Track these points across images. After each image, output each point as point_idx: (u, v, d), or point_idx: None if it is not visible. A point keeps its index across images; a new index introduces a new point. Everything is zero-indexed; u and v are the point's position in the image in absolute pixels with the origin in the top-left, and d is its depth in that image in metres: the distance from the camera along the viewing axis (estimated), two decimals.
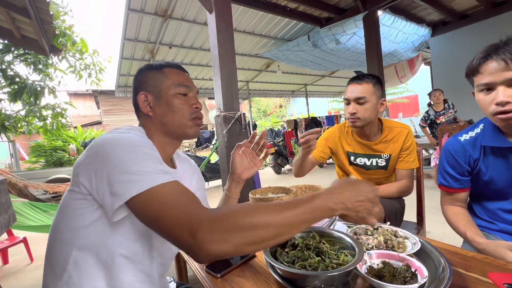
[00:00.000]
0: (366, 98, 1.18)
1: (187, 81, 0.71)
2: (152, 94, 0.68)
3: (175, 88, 0.68)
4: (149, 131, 0.69)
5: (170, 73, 0.70)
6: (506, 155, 0.82)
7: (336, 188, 0.52)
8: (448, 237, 2.12)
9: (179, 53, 4.75)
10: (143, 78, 0.70)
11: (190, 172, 0.83)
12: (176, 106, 0.67)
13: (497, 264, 0.64)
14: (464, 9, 4.65)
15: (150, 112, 0.67)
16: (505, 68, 0.71)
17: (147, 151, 0.53)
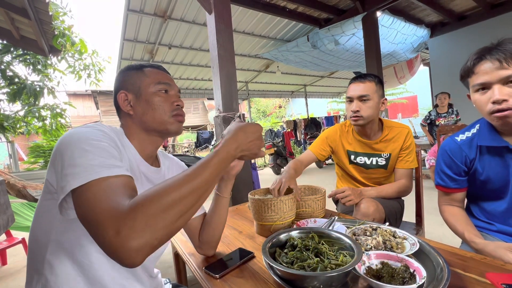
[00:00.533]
0: (369, 96, 1.20)
1: (167, 79, 0.71)
2: (132, 92, 0.68)
3: (154, 85, 0.68)
4: (130, 130, 0.68)
5: (150, 72, 0.70)
6: (502, 154, 0.82)
7: (231, 136, 0.58)
8: (447, 237, 2.12)
9: (179, 54, 4.75)
10: (123, 78, 0.70)
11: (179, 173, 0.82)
12: (156, 103, 0.67)
13: (495, 264, 0.64)
14: (463, 10, 4.67)
15: (130, 110, 0.67)
16: (500, 67, 0.72)
17: (99, 144, 0.51)
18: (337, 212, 1.17)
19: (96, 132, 0.54)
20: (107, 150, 0.51)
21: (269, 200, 0.91)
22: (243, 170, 2.21)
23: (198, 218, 0.83)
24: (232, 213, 1.29)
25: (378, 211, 1.07)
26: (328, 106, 13.90)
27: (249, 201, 0.98)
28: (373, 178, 1.34)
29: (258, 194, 1.09)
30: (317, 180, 5.29)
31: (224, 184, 0.81)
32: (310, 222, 0.97)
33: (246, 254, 0.80)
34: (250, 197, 0.97)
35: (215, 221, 0.80)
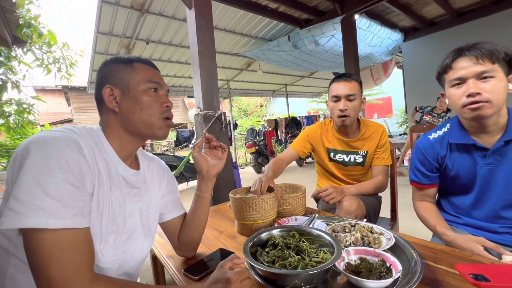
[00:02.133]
0: (355, 95, 1.25)
1: (158, 78, 0.68)
2: (119, 88, 0.63)
3: (145, 83, 0.64)
4: (111, 128, 0.64)
5: (141, 68, 0.66)
6: (470, 151, 0.88)
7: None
8: (419, 231, 2.25)
9: (157, 49, 4.59)
10: (109, 71, 0.64)
11: (160, 174, 0.78)
12: (145, 102, 0.63)
13: (462, 255, 0.68)
14: (433, 17, 4.95)
15: (116, 107, 0.62)
16: (476, 63, 0.78)
17: (60, 176, 0.47)
18: (318, 210, 1.19)
19: (62, 152, 0.49)
20: (63, 185, 0.47)
21: (251, 199, 0.91)
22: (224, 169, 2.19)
23: (177, 219, 0.80)
24: (213, 212, 1.26)
25: (360, 208, 1.11)
26: (308, 106, 14.17)
27: (230, 200, 0.97)
28: (351, 175, 1.38)
29: (239, 193, 1.08)
30: (298, 178, 5.38)
31: (205, 184, 0.78)
32: (291, 220, 0.98)
33: (226, 254, 0.79)
34: (231, 196, 0.96)
35: (195, 222, 0.78)
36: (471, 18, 4.62)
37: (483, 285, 0.54)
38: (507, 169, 0.82)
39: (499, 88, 0.77)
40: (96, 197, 0.56)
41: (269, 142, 7.25)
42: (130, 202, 0.65)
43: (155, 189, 0.75)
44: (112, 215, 0.59)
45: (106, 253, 0.57)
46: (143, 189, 0.70)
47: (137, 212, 0.67)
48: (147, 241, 0.69)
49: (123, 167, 0.65)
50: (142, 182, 0.70)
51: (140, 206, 0.68)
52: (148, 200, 0.71)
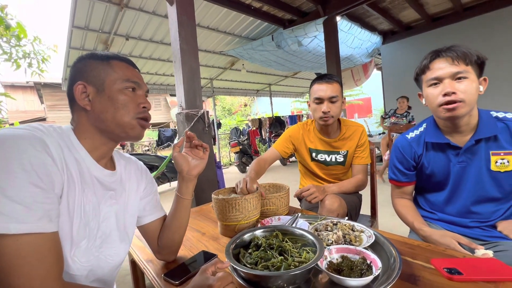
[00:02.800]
0: (337, 97, 1.26)
1: (136, 77, 0.64)
2: (93, 85, 0.59)
3: (122, 82, 0.61)
4: (82, 128, 0.60)
5: (118, 66, 0.62)
6: (444, 150, 0.93)
7: None
8: (396, 227, 2.33)
9: (137, 46, 4.44)
10: (83, 67, 0.60)
11: (138, 175, 0.75)
12: (120, 102, 0.60)
13: (437, 250, 0.71)
14: (409, 21, 5.17)
15: (87, 105, 0.58)
16: (451, 64, 0.83)
17: (22, 177, 0.44)
18: (300, 209, 1.20)
19: (26, 152, 0.45)
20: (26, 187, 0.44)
21: (233, 200, 0.89)
22: (207, 169, 2.15)
23: (157, 221, 0.77)
24: (195, 214, 1.24)
25: (342, 206, 1.13)
26: (291, 106, 14.33)
27: (213, 201, 0.95)
28: (333, 174, 1.41)
29: (222, 193, 1.06)
30: (281, 177, 5.42)
31: (185, 185, 0.76)
32: (275, 220, 0.98)
33: (209, 256, 0.77)
34: (214, 197, 0.94)
35: (176, 224, 0.76)
36: (444, 23, 4.88)
37: (456, 278, 0.57)
38: (477, 167, 0.87)
39: (472, 89, 0.81)
40: (66, 199, 0.52)
41: (253, 141, 7.26)
42: (105, 204, 0.61)
43: (132, 191, 0.71)
44: (84, 219, 0.56)
45: (78, 259, 0.54)
46: (120, 190, 0.67)
47: (112, 215, 0.63)
48: (123, 245, 0.66)
49: (97, 167, 0.61)
50: (119, 184, 0.67)
51: (116, 208, 0.65)
52: (125, 202, 0.68)
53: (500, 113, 0.87)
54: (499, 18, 4.31)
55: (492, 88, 0.86)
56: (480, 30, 4.46)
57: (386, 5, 4.38)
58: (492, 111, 0.89)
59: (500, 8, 4.28)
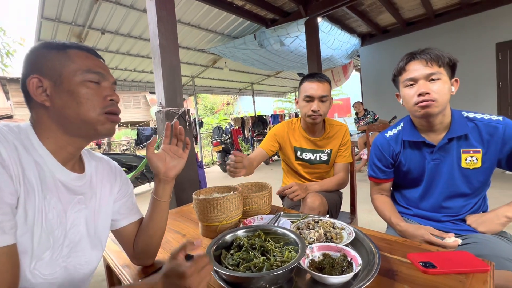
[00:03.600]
0: (327, 97, 1.27)
1: (99, 67, 0.58)
2: (49, 79, 0.53)
3: (82, 74, 0.55)
4: (43, 126, 0.55)
5: (77, 56, 0.56)
6: (420, 148, 0.97)
7: None
8: (374, 223, 2.42)
9: (114, 41, 4.25)
10: (37, 58, 0.54)
11: (111, 176, 0.70)
12: (82, 96, 0.54)
13: (413, 245, 0.74)
14: (386, 25, 5.38)
15: (46, 101, 0.53)
16: (425, 66, 0.87)
17: None
18: (283, 207, 1.20)
19: None
20: None
21: (215, 200, 0.87)
22: (188, 169, 2.10)
23: (132, 225, 0.73)
24: (176, 215, 1.20)
25: (323, 204, 1.15)
26: (274, 105, 14.43)
27: (194, 201, 0.92)
28: (316, 173, 1.42)
29: (204, 193, 1.04)
30: (264, 176, 5.44)
31: (162, 187, 0.71)
32: (257, 219, 0.97)
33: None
34: (195, 197, 0.92)
35: (153, 227, 0.72)
36: (418, 28, 5.13)
37: (431, 271, 0.59)
38: (449, 164, 0.92)
39: (444, 89, 0.86)
40: (23, 208, 0.47)
41: (235, 140, 7.22)
42: (73, 210, 0.57)
43: (105, 194, 0.67)
44: (47, 228, 0.51)
45: (40, 272, 0.49)
46: (89, 194, 0.62)
47: (82, 221, 0.59)
48: (95, 252, 0.62)
49: (61, 170, 0.56)
50: (88, 187, 0.62)
51: (86, 214, 0.60)
52: (96, 206, 0.63)
53: (471, 113, 0.92)
54: (463, 25, 4.61)
55: (460, 88, 0.92)
56: (450, 35, 4.75)
57: (364, 8, 4.52)
58: (464, 111, 0.94)
59: (465, 16, 4.58)
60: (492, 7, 4.35)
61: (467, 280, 0.56)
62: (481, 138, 0.88)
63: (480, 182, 0.91)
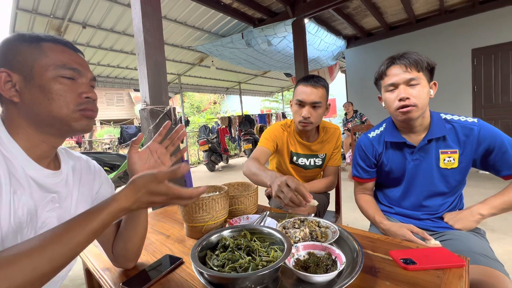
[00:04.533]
0: (321, 103, 1.18)
1: (76, 62, 0.55)
2: (19, 73, 0.50)
3: (55, 69, 0.52)
4: (14, 122, 0.52)
5: (51, 49, 0.52)
6: (401, 148, 1.00)
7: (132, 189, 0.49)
8: (358, 221, 2.48)
9: (96, 35, 4.09)
10: (8, 51, 0.51)
11: (90, 176, 0.67)
12: (54, 92, 0.51)
13: (395, 243, 0.76)
14: (370, 28, 5.53)
15: (14, 97, 0.50)
16: (405, 71, 0.89)
17: None
18: (269, 207, 1.20)
19: None
20: None
21: (201, 200, 0.86)
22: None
23: (112, 227, 0.70)
24: (160, 215, 1.17)
25: None
26: (261, 105, 14.47)
27: None
28: (308, 177, 1.40)
29: None
30: None
31: None
32: (243, 219, 0.96)
33: (173, 260, 0.73)
34: None
35: (129, 233, 0.68)
36: (400, 32, 5.31)
37: (411, 268, 0.61)
38: (428, 164, 0.96)
39: (423, 94, 0.89)
40: None
41: (222, 139, 7.17)
42: (45, 209, 0.54)
43: (83, 194, 0.64)
44: (15, 225, 0.48)
45: None
46: (64, 193, 0.59)
47: (54, 221, 0.56)
48: None
49: (33, 166, 0.53)
50: (63, 185, 0.59)
51: (60, 213, 0.57)
52: (72, 206, 0.60)
53: (448, 115, 0.96)
54: (442, 31, 4.82)
55: (438, 91, 0.96)
56: (429, 39, 4.95)
57: (350, 11, 4.62)
58: (442, 113, 0.98)
59: (444, 22, 4.80)
60: (469, 15, 4.58)
61: (444, 276, 0.58)
62: (458, 139, 0.92)
63: (457, 181, 0.95)
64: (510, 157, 0.85)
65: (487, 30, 4.47)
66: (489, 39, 4.47)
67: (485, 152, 0.89)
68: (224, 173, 6.12)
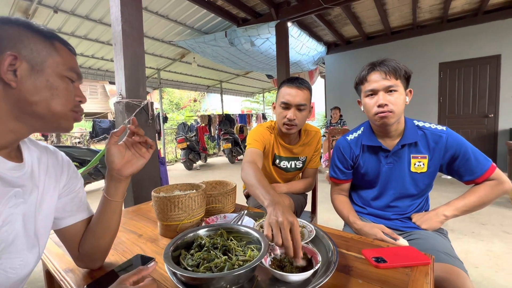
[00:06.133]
0: (306, 106, 1.17)
1: (78, 68, 0.58)
2: (27, 62, 0.49)
3: (65, 70, 0.54)
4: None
5: (63, 51, 0.55)
6: (376, 152, 1.04)
7: None
8: (332, 220, 2.56)
9: (69, 22, 3.84)
10: (17, 36, 0.49)
11: (57, 168, 0.62)
12: (60, 89, 0.53)
13: (367, 242, 0.79)
14: (349, 36, 5.75)
15: (13, 81, 0.48)
16: (384, 78, 0.93)
17: None
18: (247, 206, 1.20)
19: None
20: None
21: (176, 197, 0.83)
22: (149, 165, 1.98)
23: (79, 224, 0.66)
24: (132, 213, 1.12)
25: (291, 206, 1.16)
26: (242, 105, 14.44)
27: (153, 199, 0.87)
28: (288, 178, 1.41)
29: (164, 191, 0.98)
30: (228, 175, 5.40)
31: (114, 186, 0.64)
32: (220, 218, 0.95)
33: (145, 261, 0.70)
34: (154, 195, 0.86)
35: (101, 229, 0.65)
36: (377, 42, 5.59)
37: (382, 266, 0.64)
38: (400, 168, 1.00)
39: (400, 100, 0.94)
40: None
41: (201, 138, 7.05)
42: (6, 205, 0.49)
43: (49, 188, 0.59)
44: None
45: None
46: (29, 187, 0.54)
47: (18, 218, 0.51)
48: (32, 254, 0.54)
49: None
50: (28, 179, 0.54)
51: (24, 209, 0.52)
52: (38, 201, 0.55)
53: (421, 122, 1.02)
54: (414, 44, 5.15)
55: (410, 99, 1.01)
56: (402, 51, 5.25)
57: (331, 19, 4.77)
58: (415, 120, 1.04)
59: (416, 36, 5.12)
60: (438, 31, 4.94)
61: (412, 273, 0.61)
62: (428, 146, 0.98)
63: (425, 184, 1.01)
64: (472, 164, 0.92)
65: (453, 47, 4.84)
66: (455, 55, 4.85)
67: (451, 158, 0.95)
68: (202, 172, 6.01)
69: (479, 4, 4.30)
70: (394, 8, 4.37)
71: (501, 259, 1.84)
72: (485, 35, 4.57)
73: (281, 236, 0.61)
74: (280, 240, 0.60)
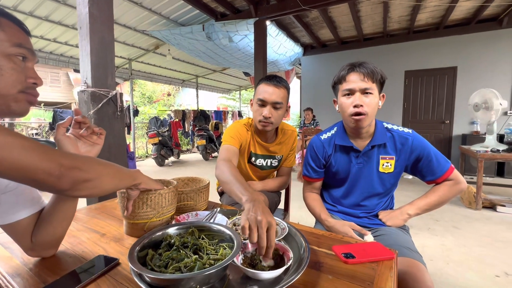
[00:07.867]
0: (282, 104, 1.17)
1: (29, 44, 0.54)
2: None
3: (11, 47, 0.49)
4: None
5: (8, 26, 0.50)
6: (348, 152, 1.08)
7: None
8: (303, 218, 2.62)
9: (27, 1, 3.47)
10: None
11: None
12: (6, 70, 0.49)
13: (337, 238, 0.81)
14: (325, 40, 5.93)
15: None
16: (362, 80, 0.96)
17: None
18: (220, 204, 1.17)
19: None
20: None
21: (145, 194, 0.78)
22: (116, 159, 1.86)
23: (31, 217, 0.62)
24: (95, 212, 1.04)
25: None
26: (218, 101, 14.25)
27: (118, 196, 0.81)
28: (263, 176, 1.41)
29: None
30: (202, 172, 5.30)
31: None
32: (191, 216, 0.91)
33: (108, 261, 0.65)
34: (120, 191, 0.80)
35: (59, 217, 0.63)
36: (350, 47, 5.84)
37: (350, 261, 0.66)
38: (369, 168, 1.05)
39: (374, 103, 0.98)
40: None
41: (174, 133, 6.83)
42: None
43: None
44: None
45: None
46: None
47: None
48: None
49: None
50: None
51: None
52: None
53: (389, 125, 1.08)
54: (383, 51, 5.46)
55: None
56: (373, 58, 5.54)
57: (309, 21, 4.87)
58: (384, 122, 1.09)
59: (385, 44, 5.45)
60: (405, 41, 5.29)
61: (378, 267, 0.64)
62: (395, 147, 1.04)
63: (391, 184, 1.07)
64: (433, 165, 0.99)
65: (418, 56, 5.22)
66: (419, 64, 5.24)
67: (416, 159, 1.02)
68: (174, 168, 5.83)
69: (440, 19, 4.67)
70: (367, 15, 4.58)
71: (452, 252, 2.03)
72: (444, 47, 5.00)
73: (258, 234, 0.59)
74: (256, 238, 0.59)
